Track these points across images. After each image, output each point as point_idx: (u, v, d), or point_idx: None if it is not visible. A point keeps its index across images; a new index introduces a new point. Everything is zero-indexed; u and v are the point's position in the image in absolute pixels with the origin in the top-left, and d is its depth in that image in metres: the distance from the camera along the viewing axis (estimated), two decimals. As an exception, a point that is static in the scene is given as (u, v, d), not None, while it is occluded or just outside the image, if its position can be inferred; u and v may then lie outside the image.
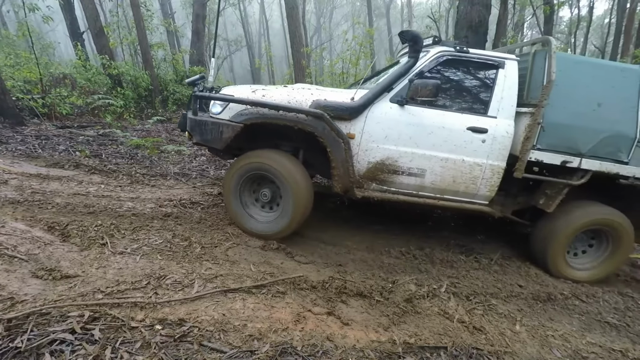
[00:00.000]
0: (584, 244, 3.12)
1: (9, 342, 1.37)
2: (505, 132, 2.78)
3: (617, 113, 2.79)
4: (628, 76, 2.81)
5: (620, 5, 11.81)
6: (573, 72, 2.78)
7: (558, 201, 2.87)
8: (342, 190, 2.87)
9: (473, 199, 2.93)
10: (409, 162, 2.80)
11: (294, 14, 9.65)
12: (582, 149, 2.80)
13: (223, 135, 2.75)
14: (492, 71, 2.85)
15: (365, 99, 2.75)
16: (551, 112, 2.73)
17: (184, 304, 1.78)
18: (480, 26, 7.07)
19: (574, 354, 1.92)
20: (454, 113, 2.81)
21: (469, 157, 2.79)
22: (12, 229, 2.30)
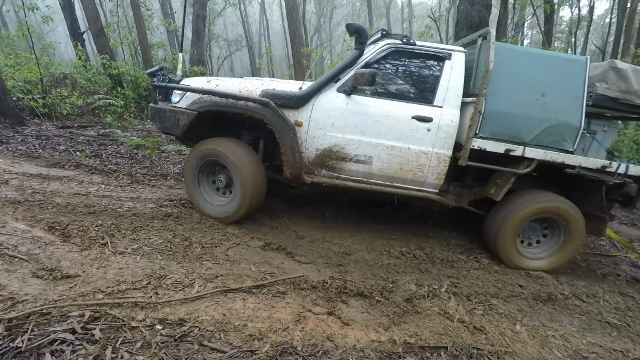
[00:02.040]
0: (538, 234, 3.13)
1: (9, 342, 1.38)
2: (450, 121, 2.85)
3: (561, 103, 2.82)
4: (574, 67, 2.84)
5: (621, 5, 11.79)
6: (517, 62, 2.84)
7: (505, 190, 2.92)
8: (291, 175, 2.99)
9: (422, 187, 3.01)
10: (356, 149, 2.90)
11: (294, 14, 9.65)
12: (525, 137, 2.84)
13: (180, 122, 2.95)
14: (439, 62, 2.94)
15: (311, 89, 2.88)
16: (493, 101, 2.79)
17: (185, 304, 1.78)
18: (480, 26, 7.06)
19: (575, 354, 1.92)
20: (399, 102, 2.90)
21: (415, 145, 2.87)
22: (13, 229, 2.30)
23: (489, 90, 2.76)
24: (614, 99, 2.95)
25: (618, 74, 2.91)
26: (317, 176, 3.00)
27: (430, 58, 2.96)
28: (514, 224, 2.92)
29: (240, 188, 2.89)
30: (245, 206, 2.92)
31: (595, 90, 2.97)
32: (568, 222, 2.93)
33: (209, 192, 3.13)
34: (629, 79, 2.89)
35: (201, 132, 3.14)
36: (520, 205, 2.93)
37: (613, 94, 2.93)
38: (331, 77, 2.92)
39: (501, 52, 2.80)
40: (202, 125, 3.08)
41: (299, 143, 2.90)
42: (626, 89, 2.91)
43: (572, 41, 15.29)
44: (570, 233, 2.95)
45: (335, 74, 2.92)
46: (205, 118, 3.00)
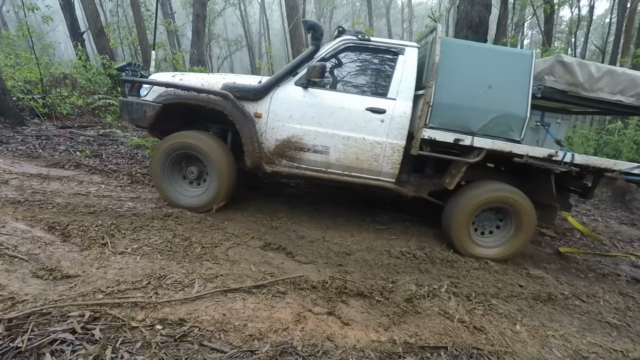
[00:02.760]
0: (493, 223, 3.23)
1: (9, 342, 1.38)
2: (402, 112, 2.99)
3: (508, 94, 2.95)
4: (520, 60, 2.97)
5: (621, 5, 11.79)
6: (465, 56, 2.98)
7: (457, 179, 3.04)
8: (252, 165, 3.14)
9: (379, 177, 3.14)
10: (313, 139, 3.05)
11: (294, 14, 9.65)
12: (473, 127, 2.96)
13: (147, 115, 3.09)
14: (393, 57, 3.08)
15: (269, 82, 3.05)
16: (442, 93, 2.91)
17: (185, 304, 1.78)
18: (480, 26, 7.07)
19: (575, 354, 1.92)
20: (354, 95, 3.07)
21: (370, 136, 3.01)
22: (13, 229, 2.30)
23: (438, 83, 2.88)
24: (562, 92, 3.07)
25: (565, 67, 3.02)
26: (277, 166, 3.15)
27: (384, 53, 3.11)
28: (466, 212, 3.03)
29: (216, 178, 3.07)
30: (222, 194, 3.12)
31: (544, 83, 3.08)
32: (518, 211, 3.03)
33: (180, 184, 3.24)
34: (575, 72, 3.01)
35: (173, 126, 3.28)
36: (472, 195, 3.04)
37: (560, 86, 3.05)
38: (288, 71, 3.08)
39: (450, 46, 2.94)
40: (173, 118, 3.28)
41: (259, 134, 3.07)
42: (572, 82, 3.02)
43: (572, 41, 15.29)
44: (521, 222, 3.05)
45: (292, 68, 3.08)
46: (176, 111, 3.19)
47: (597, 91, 3.05)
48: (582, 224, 4.89)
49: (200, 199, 3.15)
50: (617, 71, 3.06)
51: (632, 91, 3.04)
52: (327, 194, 4.53)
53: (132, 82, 3.19)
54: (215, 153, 3.04)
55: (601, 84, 3.04)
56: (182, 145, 3.06)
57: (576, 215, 5.30)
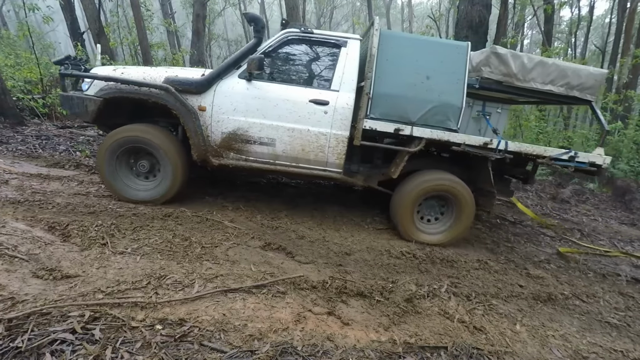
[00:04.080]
0: (436, 211, 3.39)
1: (9, 342, 1.38)
2: (345, 104, 3.05)
3: (445, 85, 3.05)
4: (456, 52, 3.08)
5: (621, 5, 11.79)
6: (403, 48, 3.06)
7: (400, 167, 3.16)
8: (199, 158, 3.15)
9: (326, 167, 3.20)
10: (259, 132, 3.07)
11: (294, 14, 9.65)
12: (412, 117, 3.06)
13: (88, 109, 3.06)
14: (335, 50, 3.15)
15: (211, 75, 3.05)
16: (382, 84, 2.99)
17: (185, 304, 1.78)
18: (480, 26, 7.07)
19: (575, 354, 1.92)
20: (297, 87, 3.10)
21: (314, 127, 3.06)
22: (13, 229, 2.30)
23: (377, 75, 2.97)
24: (497, 82, 3.19)
25: (499, 58, 3.13)
26: (224, 159, 3.17)
27: (327, 46, 3.16)
28: (409, 200, 3.17)
29: (170, 171, 3.09)
30: (177, 186, 3.15)
31: (481, 74, 3.20)
32: (458, 198, 3.18)
33: (129, 178, 3.21)
34: (509, 63, 3.12)
35: (121, 120, 3.24)
36: (414, 184, 3.18)
37: (496, 77, 3.17)
38: (231, 64, 3.09)
39: (388, 39, 3.02)
40: (120, 113, 3.26)
41: (205, 127, 3.08)
42: (507, 72, 3.14)
43: (572, 41, 15.29)
44: (461, 209, 3.21)
45: (235, 61, 3.10)
46: (123, 106, 3.18)
47: (529, 81, 3.18)
48: (581, 223, 4.89)
49: (154, 192, 3.16)
50: (547, 62, 3.20)
51: (562, 81, 3.21)
52: (328, 194, 4.53)
53: (70, 76, 3.15)
54: (166, 146, 3.05)
55: (533, 75, 3.17)
56: (130, 139, 3.04)
57: (576, 215, 5.30)
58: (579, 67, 3.27)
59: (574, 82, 3.21)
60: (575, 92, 3.25)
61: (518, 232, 4.12)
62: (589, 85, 3.25)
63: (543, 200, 5.90)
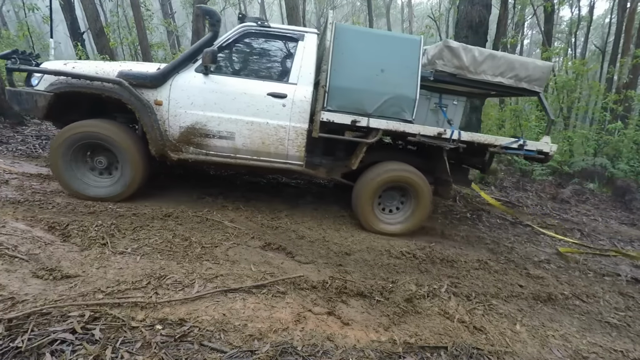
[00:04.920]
0: (396, 202, 3.49)
1: (9, 342, 1.38)
2: (303, 96, 3.08)
3: (399, 77, 3.14)
4: (409, 46, 3.18)
5: (621, 5, 11.79)
6: (359, 42, 3.12)
7: (359, 159, 3.23)
8: (157, 153, 3.12)
9: (287, 160, 3.22)
10: (217, 125, 3.07)
11: (294, 14, 9.65)
12: (368, 109, 3.12)
13: (38, 104, 2.98)
14: (293, 43, 3.18)
15: (167, 69, 3.02)
16: (338, 77, 3.05)
17: (185, 304, 1.78)
18: (480, 26, 7.07)
19: (575, 354, 1.92)
20: (255, 80, 3.12)
21: (273, 120, 3.08)
22: (13, 229, 2.30)
23: (333, 67, 3.03)
24: (451, 74, 3.30)
25: (452, 52, 3.23)
26: (184, 153, 3.15)
27: (284, 39, 3.19)
28: (369, 191, 3.25)
29: (130, 167, 3.05)
30: (137, 183, 3.12)
31: (435, 67, 3.29)
32: (414, 188, 3.30)
33: (86, 174, 3.14)
34: (461, 56, 3.23)
35: (77, 116, 3.15)
36: (373, 175, 3.27)
37: (449, 69, 3.27)
38: (187, 58, 3.08)
39: (344, 32, 3.08)
40: (76, 108, 3.20)
41: (162, 121, 3.04)
42: (459, 65, 3.25)
43: (572, 41, 15.29)
44: (418, 199, 3.33)
45: (191, 54, 3.08)
46: (78, 101, 3.12)
47: (481, 73, 3.30)
48: (581, 223, 4.89)
49: (112, 189, 3.11)
50: (497, 55, 3.33)
51: (511, 73, 3.35)
52: (328, 194, 4.53)
53: (17, 70, 3.07)
54: (124, 141, 3.00)
55: (484, 67, 3.29)
56: (86, 135, 2.97)
57: (576, 215, 5.30)
58: (526, 60, 3.45)
59: (522, 74, 3.36)
60: (524, 83, 3.40)
61: (518, 232, 4.12)
62: (536, 77, 3.39)
63: (543, 200, 5.90)
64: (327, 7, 26.81)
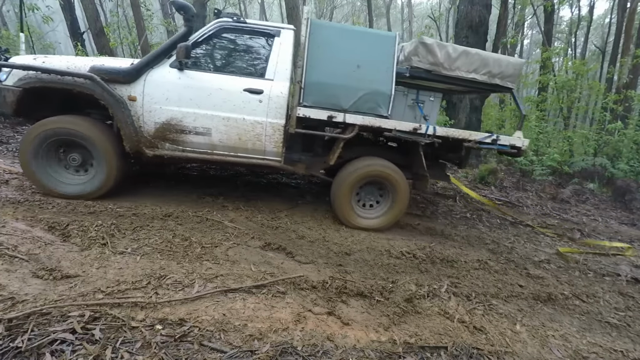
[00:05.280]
0: (375, 197, 3.51)
1: (9, 342, 1.38)
2: (280, 92, 3.08)
3: (375, 73, 3.18)
4: (385, 42, 3.22)
5: (621, 5, 11.79)
6: (334, 38, 3.15)
7: (336, 154, 3.26)
8: (132, 149, 3.07)
9: (264, 156, 3.22)
10: (193, 121, 3.05)
11: (294, 14, 9.65)
12: (344, 105, 3.16)
13: (7, 100, 2.92)
14: (269, 39, 3.18)
15: (140, 64, 2.99)
16: (314, 72, 3.09)
17: (185, 304, 1.78)
18: (480, 26, 7.08)
19: (575, 354, 1.92)
20: (231, 76, 3.10)
21: (250, 116, 3.07)
22: (13, 228, 2.30)
23: (309, 63, 3.07)
24: (427, 71, 3.33)
25: (426, 48, 3.26)
26: (160, 149, 3.12)
27: (260, 35, 3.19)
28: (346, 186, 3.28)
29: (105, 164, 3.01)
30: (112, 180, 3.07)
31: (411, 63, 3.32)
32: (391, 183, 3.33)
33: (59, 172, 3.09)
34: (435, 52, 3.26)
35: (49, 112, 3.09)
36: (350, 170, 3.29)
37: (424, 65, 3.31)
38: (161, 53, 3.05)
39: (320, 28, 3.12)
40: (48, 104, 3.14)
41: (136, 117, 3.02)
42: (434, 61, 3.29)
43: (572, 41, 15.30)
44: (395, 194, 3.36)
45: (165, 50, 3.06)
46: (50, 97, 3.08)
47: (455, 70, 3.34)
48: (581, 223, 4.89)
49: (86, 186, 3.06)
50: (471, 52, 3.36)
51: (484, 69, 3.40)
52: (328, 193, 4.53)
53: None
54: (98, 138, 2.95)
55: (458, 64, 3.33)
56: (58, 132, 2.91)
57: (576, 215, 5.30)
58: (499, 57, 3.51)
59: (495, 70, 3.41)
60: (497, 80, 3.45)
61: (518, 232, 4.12)
62: (509, 74, 3.45)
63: (543, 200, 5.90)
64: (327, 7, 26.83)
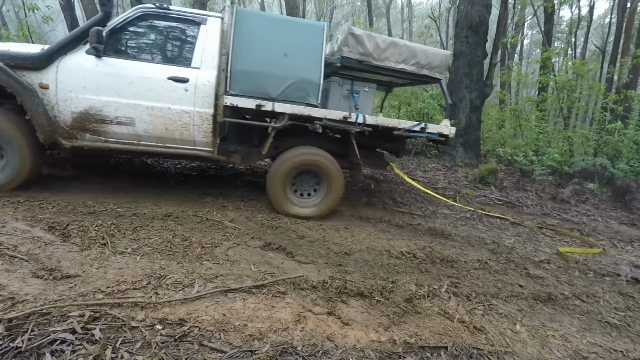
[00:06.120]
0: (312, 186, 3.56)
1: (9, 342, 1.37)
2: (206, 81, 3.03)
3: (303, 62, 3.18)
4: (313, 31, 3.24)
5: (621, 5, 11.79)
6: (260, 26, 3.14)
7: (269, 143, 3.29)
8: (46, 141, 2.93)
9: (195, 146, 3.16)
10: (115, 111, 2.94)
11: (295, 13, 9.65)
12: (272, 93, 3.14)
13: None
14: (195, 27, 3.12)
15: (51, 50, 2.86)
16: (240, 61, 3.05)
17: (185, 304, 1.78)
18: (480, 26, 7.08)
19: (575, 354, 1.92)
20: (154, 64, 3.04)
21: (175, 105, 3.00)
22: (13, 228, 2.30)
23: (235, 51, 3.02)
24: (358, 61, 3.37)
25: (356, 39, 3.31)
26: (79, 140, 3.00)
27: (185, 23, 3.13)
28: (280, 175, 3.30)
29: (16, 155, 2.89)
30: (26, 172, 2.97)
31: (341, 54, 3.35)
32: (325, 171, 3.37)
33: None
34: (364, 43, 3.31)
35: None
36: (283, 159, 3.31)
37: (355, 56, 3.35)
38: (74, 38, 2.94)
39: (245, 16, 3.09)
40: None
41: (50, 106, 2.88)
42: (364, 52, 3.34)
43: (572, 41, 15.30)
44: (329, 182, 3.40)
45: (79, 35, 2.94)
46: None
47: (384, 60, 3.41)
48: (581, 223, 4.90)
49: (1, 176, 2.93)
50: (399, 43, 3.47)
51: (413, 60, 3.49)
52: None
53: None
54: (7, 128, 2.82)
55: (387, 54, 3.40)
56: None
57: (576, 215, 5.31)
58: (427, 48, 3.65)
59: (422, 61, 3.51)
60: (425, 70, 3.55)
61: (518, 232, 4.13)
62: (436, 65, 3.56)
63: (543, 200, 5.90)
64: (327, 6, 26.82)
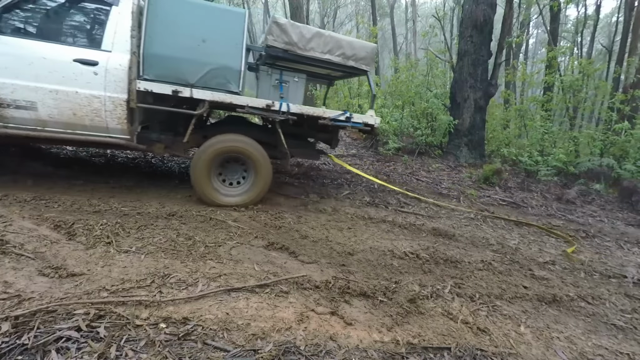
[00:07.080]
0: (239, 174, 3.50)
1: (16, 339, 1.39)
2: (118, 64, 2.91)
3: (222, 48, 3.13)
4: (233, 18, 3.20)
5: (628, 4, 11.65)
6: (177, 10, 3.05)
7: (190, 131, 3.19)
8: None
9: (108, 133, 3.02)
10: (12, 94, 2.76)
11: (299, 13, 9.66)
12: (190, 79, 3.08)
13: None
14: (106, 8, 3.01)
15: None
16: (153, 44, 2.97)
17: (188, 303, 1.79)
18: (485, 25, 7.03)
19: (580, 357, 1.90)
20: (58, 45, 2.87)
21: (84, 89, 2.86)
22: (20, 227, 2.33)
23: (148, 34, 2.94)
24: (283, 50, 3.35)
25: (280, 27, 3.28)
26: None
27: (94, 3, 3.02)
28: (202, 163, 3.21)
29: None
30: None
31: (266, 42, 3.32)
32: (252, 159, 3.32)
33: None
34: (289, 32, 3.29)
35: None
36: (206, 147, 3.23)
37: (279, 45, 3.32)
38: None
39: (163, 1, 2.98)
40: None
41: None
42: (288, 41, 3.32)
43: (579, 40, 15.15)
44: (256, 170, 3.36)
45: None
46: None
47: (310, 50, 3.40)
48: (587, 224, 4.85)
49: None
50: (324, 34, 3.46)
51: (338, 51, 3.49)
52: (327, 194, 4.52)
53: None
54: None
55: (312, 44, 3.39)
56: None
57: (582, 216, 5.26)
58: (352, 40, 3.65)
59: (348, 52, 3.51)
60: (351, 62, 3.55)
61: (522, 233, 4.09)
62: (362, 56, 3.56)
63: (548, 201, 5.85)
64: (331, 6, 26.81)
